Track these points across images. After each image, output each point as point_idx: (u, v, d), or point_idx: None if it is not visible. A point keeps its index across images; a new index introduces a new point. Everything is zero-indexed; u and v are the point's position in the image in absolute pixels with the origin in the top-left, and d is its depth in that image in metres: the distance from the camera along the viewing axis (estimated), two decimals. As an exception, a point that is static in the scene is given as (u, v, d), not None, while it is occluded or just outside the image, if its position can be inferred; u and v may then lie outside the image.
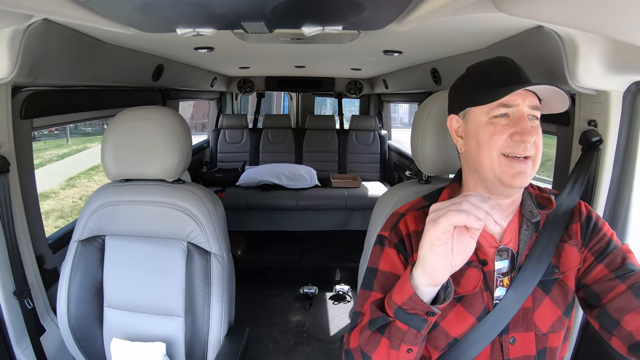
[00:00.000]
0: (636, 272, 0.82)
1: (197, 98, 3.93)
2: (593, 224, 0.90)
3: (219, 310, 1.31)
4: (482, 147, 0.83)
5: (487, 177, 0.84)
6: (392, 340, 0.77)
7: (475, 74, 0.89)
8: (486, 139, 0.82)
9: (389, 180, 4.20)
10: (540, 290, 0.87)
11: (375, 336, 0.79)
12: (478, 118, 0.84)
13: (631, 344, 0.77)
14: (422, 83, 2.49)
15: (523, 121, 0.80)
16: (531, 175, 0.82)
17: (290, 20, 0.96)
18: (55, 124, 1.72)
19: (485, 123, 0.83)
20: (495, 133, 0.81)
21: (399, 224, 0.92)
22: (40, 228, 1.51)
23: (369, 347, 0.79)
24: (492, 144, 0.81)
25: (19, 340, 1.31)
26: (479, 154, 0.83)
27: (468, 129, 0.87)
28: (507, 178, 0.80)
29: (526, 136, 0.78)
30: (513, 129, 0.80)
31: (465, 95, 0.88)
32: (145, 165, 1.30)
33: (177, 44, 1.69)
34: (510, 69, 0.84)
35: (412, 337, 0.76)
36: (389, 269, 0.89)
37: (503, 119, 0.81)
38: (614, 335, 0.80)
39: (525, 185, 0.83)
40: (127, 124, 1.31)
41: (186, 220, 1.31)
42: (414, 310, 0.74)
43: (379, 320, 0.79)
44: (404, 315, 0.75)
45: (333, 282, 3.12)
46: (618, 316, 0.80)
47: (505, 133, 0.80)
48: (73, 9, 0.84)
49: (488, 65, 0.87)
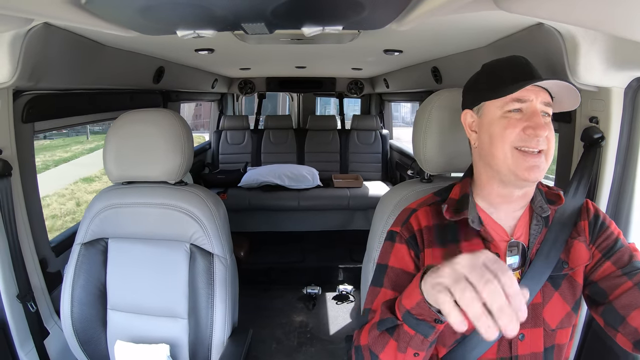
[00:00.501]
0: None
1: (198, 100, 3.94)
2: (601, 222, 0.90)
3: (222, 311, 1.31)
4: (496, 140, 0.84)
5: (500, 170, 0.84)
6: (399, 343, 0.76)
7: (490, 71, 0.90)
8: (499, 132, 0.83)
9: (390, 180, 4.19)
10: (550, 285, 0.87)
11: (383, 336, 0.79)
12: (492, 112, 0.85)
13: (636, 340, 0.78)
14: (423, 82, 2.49)
15: (536, 116, 0.81)
16: (544, 170, 0.83)
17: (290, 21, 0.96)
18: (57, 128, 1.72)
19: (499, 117, 0.84)
20: (509, 126, 0.82)
21: (410, 219, 0.93)
22: (43, 231, 1.51)
23: (377, 347, 0.79)
24: (505, 137, 0.82)
25: (23, 344, 1.32)
26: (492, 147, 0.84)
27: (482, 123, 0.88)
28: (521, 171, 0.81)
29: (539, 130, 0.80)
30: (526, 123, 0.81)
31: (480, 90, 0.89)
32: (147, 167, 1.31)
33: (178, 46, 1.69)
34: (523, 67, 0.86)
35: (418, 343, 0.75)
36: (399, 265, 0.89)
37: (517, 114, 0.83)
38: (619, 332, 0.81)
39: (540, 179, 0.83)
40: (128, 126, 1.31)
41: (189, 222, 1.31)
42: (422, 316, 0.72)
43: (387, 322, 0.78)
44: (412, 320, 0.73)
45: (336, 282, 3.11)
46: (624, 312, 0.80)
47: (518, 127, 0.81)
48: (73, 12, 0.84)
49: (502, 63, 0.88)
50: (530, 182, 0.83)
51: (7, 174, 1.25)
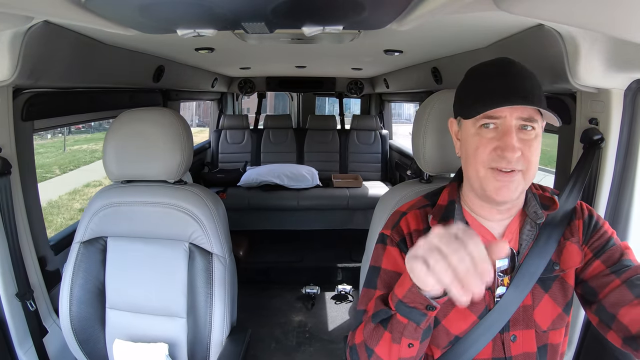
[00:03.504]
0: (631, 266, 0.83)
1: (198, 99, 3.94)
2: (595, 222, 0.90)
3: (221, 310, 1.31)
4: (469, 158, 0.83)
5: (474, 187, 0.85)
6: (393, 334, 0.77)
7: (468, 82, 0.88)
8: (472, 152, 0.82)
9: (390, 180, 4.19)
10: (540, 287, 0.87)
11: (378, 329, 0.79)
12: (468, 127, 0.85)
13: (626, 337, 0.78)
14: (423, 82, 2.49)
15: (507, 135, 0.78)
16: (519, 189, 0.81)
17: (291, 21, 0.96)
18: (56, 126, 1.72)
19: (472, 134, 0.83)
20: (480, 145, 0.81)
21: (400, 223, 0.93)
22: (42, 230, 1.51)
23: (372, 341, 0.80)
24: (477, 156, 0.81)
25: (22, 342, 1.31)
26: (467, 164, 0.85)
27: (462, 136, 0.88)
28: (490, 191, 0.80)
29: (507, 152, 0.77)
30: (497, 143, 0.79)
31: (459, 103, 0.89)
32: (147, 166, 1.31)
33: (178, 45, 1.69)
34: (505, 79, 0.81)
35: (411, 331, 0.76)
36: (391, 267, 0.89)
37: (490, 131, 0.80)
38: (611, 329, 0.81)
39: (512, 199, 0.82)
40: (128, 125, 1.31)
41: (188, 221, 1.31)
42: (413, 303, 0.73)
43: (381, 314, 0.79)
44: (404, 308, 0.74)
45: (335, 281, 3.12)
46: (614, 310, 0.80)
47: (489, 146, 0.80)
48: (73, 10, 0.84)
49: (483, 71, 0.85)
50: (499, 203, 0.82)
51: (6, 172, 1.24)
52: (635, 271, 0.81)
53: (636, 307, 0.77)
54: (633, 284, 0.80)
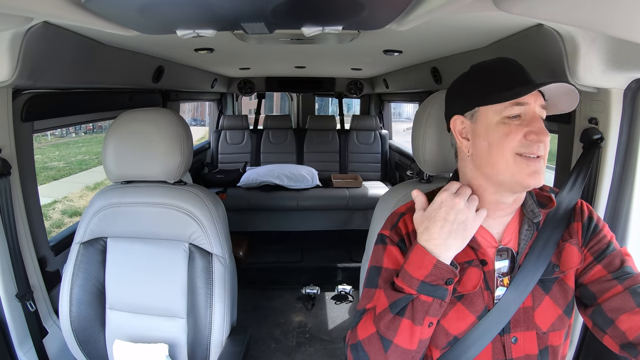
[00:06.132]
0: (633, 274, 0.83)
1: (198, 99, 3.93)
2: (594, 224, 0.90)
3: (221, 311, 1.31)
4: (496, 147, 0.81)
5: (500, 178, 0.82)
6: (415, 317, 0.79)
7: (481, 74, 0.87)
8: (499, 139, 0.80)
9: (390, 180, 4.20)
10: (540, 289, 0.87)
11: (395, 320, 0.79)
12: (489, 118, 0.82)
13: (624, 343, 0.79)
14: (422, 82, 2.49)
15: (537, 121, 0.80)
16: (544, 174, 0.82)
17: (290, 21, 0.95)
18: (56, 127, 1.72)
19: (497, 123, 0.81)
20: (510, 133, 0.80)
21: (398, 224, 0.93)
22: (42, 230, 1.51)
23: (390, 332, 0.80)
24: (506, 144, 0.80)
25: (22, 343, 1.31)
26: (492, 155, 0.82)
27: (477, 130, 0.85)
28: (523, 177, 0.80)
29: (542, 135, 0.78)
30: (527, 129, 0.79)
31: (473, 95, 0.86)
32: (147, 166, 1.31)
33: (177, 45, 1.69)
34: (516, 70, 0.84)
35: (437, 308, 0.79)
36: (393, 266, 0.89)
37: (515, 119, 0.80)
38: (607, 334, 0.82)
39: (541, 184, 0.82)
40: (127, 125, 1.31)
41: (188, 221, 1.31)
42: (436, 281, 0.78)
43: (401, 302, 0.80)
44: (428, 287, 0.78)
45: (335, 282, 3.11)
46: (613, 316, 0.81)
47: (519, 133, 0.79)
48: (73, 11, 0.84)
49: (494, 65, 0.86)
50: (528, 188, 0.83)
51: (6, 172, 1.25)
52: (638, 280, 0.82)
53: (637, 315, 0.78)
54: (636, 292, 0.80)
